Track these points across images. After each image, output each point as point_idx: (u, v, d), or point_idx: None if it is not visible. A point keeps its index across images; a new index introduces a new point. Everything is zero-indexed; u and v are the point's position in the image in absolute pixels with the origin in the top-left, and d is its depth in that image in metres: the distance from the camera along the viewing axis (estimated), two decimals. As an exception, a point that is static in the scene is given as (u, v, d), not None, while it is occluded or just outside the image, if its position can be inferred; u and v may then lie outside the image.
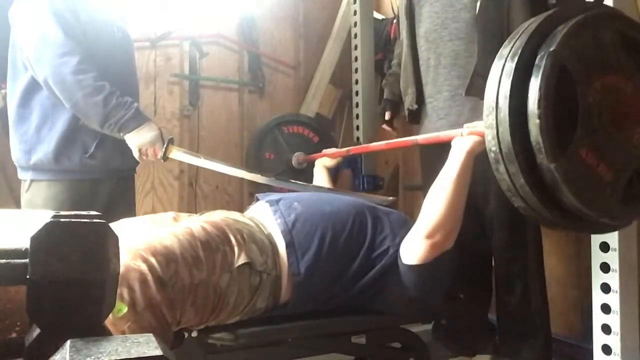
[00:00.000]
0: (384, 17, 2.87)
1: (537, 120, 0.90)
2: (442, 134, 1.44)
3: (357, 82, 2.59)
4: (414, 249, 1.29)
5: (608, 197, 0.96)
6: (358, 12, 2.60)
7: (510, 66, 0.95)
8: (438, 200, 1.27)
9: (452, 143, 1.33)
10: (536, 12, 1.53)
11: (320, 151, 2.09)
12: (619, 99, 0.97)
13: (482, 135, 1.23)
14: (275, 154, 2.43)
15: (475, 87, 1.56)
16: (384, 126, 2.13)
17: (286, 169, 2.41)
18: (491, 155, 0.98)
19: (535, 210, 0.99)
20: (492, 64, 1.53)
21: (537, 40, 0.96)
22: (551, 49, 0.92)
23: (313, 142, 2.52)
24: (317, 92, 2.87)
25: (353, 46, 2.63)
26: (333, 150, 2.05)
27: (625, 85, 0.99)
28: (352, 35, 2.65)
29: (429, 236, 1.27)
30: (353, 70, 2.63)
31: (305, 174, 2.37)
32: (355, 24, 2.62)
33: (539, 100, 0.90)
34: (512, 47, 0.98)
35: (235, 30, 2.75)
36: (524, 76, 0.93)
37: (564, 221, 1.00)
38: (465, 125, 1.33)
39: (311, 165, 2.18)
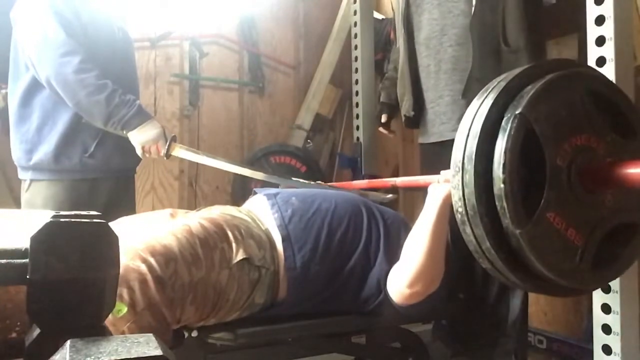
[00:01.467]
0: (384, 17, 2.87)
1: (502, 185, 0.87)
2: (420, 179, 1.43)
3: (357, 82, 2.59)
4: (396, 293, 1.29)
5: (577, 262, 0.93)
6: (358, 12, 2.60)
7: (477, 127, 0.92)
8: (416, 250, 1.26)
9: (429, 190, 1.31)
10: (530, 17, 1.54)
11: (308, 180, 2.08)
12: (590, 160, 0.94)
13: None
14: (262, 184, 2.43)
15: (472, 90, 1.57)
16: (381, 129, 2.14)
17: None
18: (457, 216, 0.96)
19: (501, 273, 0.97)
20: (488, 67, 1.55)
21: (504, 99, 0.93)
22: (517, 112, 0.89)
23: (300, 172, 2.51)
24: (317, 92, 2.87)
25: (353, 46, 2.63)
26: (319, 183, 2.03)
27: (598, 145, 0.96)
28: (352, 35, 2.65)
29: (410, 286, 1.26)
30: (353, 70, 2.63)
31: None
32: (355, 24, 2.62)
33: (504, 165, 0.87)
34: (480, 106, 0.95)
35: (235, 30, 2.76)
36: (490, 137, 0.91)
37: (531, 285, 0.98)
38: (442, 172, 1.31)
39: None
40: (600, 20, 1.38)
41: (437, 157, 1.74)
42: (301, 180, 1.84)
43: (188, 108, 2.61)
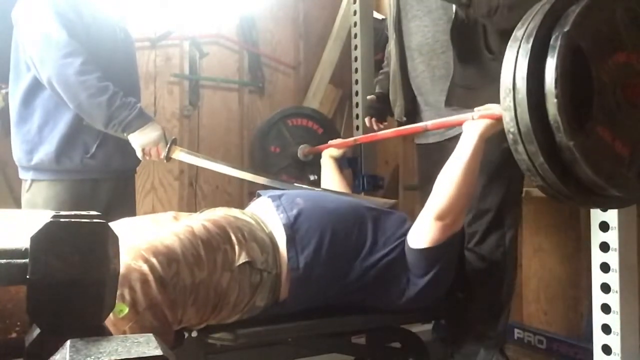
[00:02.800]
0: (384, 17, 2.87)
1: (555, 100, 0.92)
2: (453, 118, 1.45)
3: (357, 82, 2.59)
4: (424, 231, 1.31)
5: (625, 172, 0.99)
6: (358, 12, 2.60)
7: (526, 47, 0.97)
8: (449, 182, 1.29)
9: (464, 127, 1.35)
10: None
11: (325, 142, 2.09)
12: (632, 76, 0.99)
13: (494, 118, 1.27)
14: (280, 147, 2.43)
15: (455, 97, 1.57)
16: (369, 123, 2.09)
17: (292, 162, 2.41)
18: (509, 137, 1.00)
19: (553, 187, 1.01)
20: (470, 74, 1.55)
21: (550, 20, 0.98)
22: (565, 30, 0.94)
23: (317, 134, 2.50)
24: (317, 92, 2.87)
25: (353, 46, 2.63)
26: (339, 140, 2.05)
27: (638, 62, 1.01)
28: (352, 35, 2.65)
29: (440, 218, 1.29)
30: (353, 70, 2.63)
31: (311, 166, 2.37)
32: (355, 24, 2.62)
33: (556, 81, 0.92)
34: (526, 29, 0.99)
35: (235, 30, 2.76)
36: (540, 57, 0.95)
37: (581, 197, 1.03)
38: (476, 109, 1.34)
39: (317, 157, 2.18)
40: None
41: (438, 156, 1.74)
42: (304, 185, 1.85)
43: (188, 108, 2.61)
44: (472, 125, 1.32)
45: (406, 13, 1.74)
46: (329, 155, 2.00)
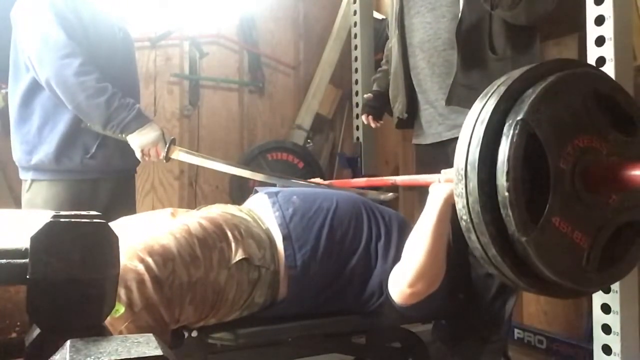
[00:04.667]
0: (384, 17, 2.87)
1: (506, 194, 0.86)
2: (420, 178, 1.43)
3: (357, 82, 2.59)
4: (397, 293, 1.28)
5: (584, 265, 0.93)
6: (358, 12, 2.60)
7: (479, 133, 0.92)
8: (417, 249, 1.25)
9: (430, 189, 1.31)
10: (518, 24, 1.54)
11: (305, 177, 2.06)
12: (593, 161, 0.94)
13: None
14: (259, 182, 2.42)
15: (456, 96, 1.57)
16: (366, 121, 2.08)
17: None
18: (462, 224, 0.95)
19: (508, 278, 0.97)
20: (473, 73, 1.55)
21: (505, 104, 0.93)
22: (519, 117, 0.88)
23: (298, 169, 2.49)
24: (317, 92, 2.87)
25: (353, 46, 2.64)
26: (317, 180, 1.99)
27: (600, 145, 0.95)
28: (352, 35, 2.65)
29: (411, 285, 1.25)
30: (353, 70, 2.63)
31: None
32: (355, 24, 2.62)
33: (507, 173, 0.86)
34: (480, 111, 0.95)
35: (235, 30, 2.76)
36: (493, 143, 0.90)
37: (537, 289, 0.98)
38: (442, 171, 1.31)
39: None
40: (600, 20, 1.38)
41: (435, 157, 1.74)
42: (301, 181, 1.84)
43: (188, 108, 2.61)
44: (438, 189, 1.28)
45: (409, 9, 1.75)
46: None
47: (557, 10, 1.53)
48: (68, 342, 0.42)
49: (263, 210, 1.38)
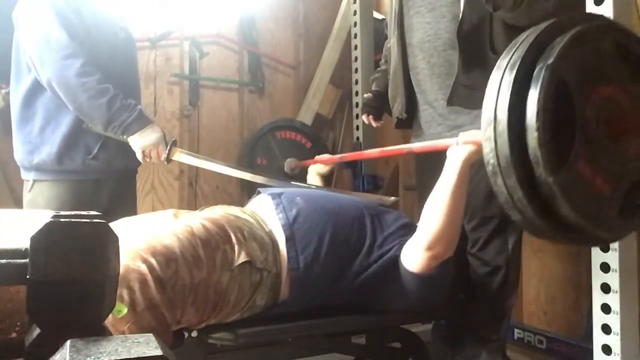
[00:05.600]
0: (384, 17, 2.87)
1: (536, 134, 0.89)
2: (438, 143, 1.43)
3: (357, 82, 2.59)
4: (414, 259, 1.29)
5: (605, 210, 0.96)
6: (358, 12, 2.60)
7: (509, 77, 0.95)
8: (436, 211, 1.27)
9: (448, 152, 1.32)
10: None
11: (312, 157, 2.06)
12: (616, 111, 0.97)
13: (478, 145, 1.23)
14: (267, 159, 2.42)
15: (457, 96, 1.57)
16: (367, 120, 2.07)
17: (278, 175, 2.40)
18: (489, 168, 0.98)
19: (531, 223, 0.98)
20: (474, 74, 1.54)
21: (535, 51, 0.96)
22: (549, 62, 0.91)
23: (305, 148, 2.51)
24: (317, 92, 2.87)
25: (353, 46, 2.63)
26: (326, 156, 2.01)
27: (623, 96, 0.99)
28: (352, 35, 2.65)
29: (429, 248, 1.26)
30: (353, 70, 2.63)
31: (297, 180, 2.36)
32: (355, 24, 2.62)
33: (538, 113, 0.89)
34: (510, 58, 0.97)
35: (235, 30, 2.76)
36: (523, 88, 0.93)
37: (560, 234, 0.99)
38: (460, 134, 1.33)
39: (303, 171, 2.16)
40: (600, 20, 1.38)
41: (434, 157, 1.73)
42: (303, 184, 1.84)
43: (188, 108, 2.61)
44: (456, 152, 1.30)
45: (408, 9, 1.74)
46: (315, 172, 1.98)
47: (558, 10, 1.53)
48: (68, 342, 0.42)
49: (266, 212, 1.38)
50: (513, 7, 1.40)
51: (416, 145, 1.55)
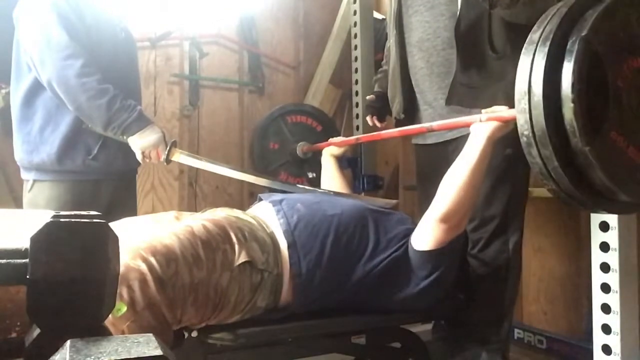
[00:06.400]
0: (384, 17, 2.87)
1: (572, 105, 0.91)
2: (460, 120, 1.43)
3: (357, 82, 2.59)
4: (429, 233, 1.31)
5: (638, 178, 0.99)
6: (358, 12, 2.60)
7: (543, 50, 0.97)
8: (455, 184, 1.29)
9: (471, 128, 1.34)
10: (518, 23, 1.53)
11: (324, 141, 2.07)
12: None
13: (502, 120, 1.26)
14: (279, 143, 2.43)
15: (456, 95, 1.56)
16: (371, 122, 2.07)
17: (290, 159, 2.41)
18: (523, 139, 1.00)
19: (566, 192, 1.01)
20: (473, 72, 1.54)
21: (567, 24, 0.98)
22: (583, 34, 0.93)
23: (316, 132, 2.51)
24: (317, 92, 2.87)
25: (353, 46, 2.63)
26: (340, 138, 2.03)
27: None
28: (352, 35, 2.65)
29: (445, 220, 1.28)
30: (353, 70, 2.63)
31: (310, 164, 2.37)
32: (355, 24, 2.62)
33: (573, 85, 0.92)
34: (542, 32, 0.99)
35: (235, 30, 2.76)
36: (556, 60, 0.95)
37: (593, 201, 1.02)
38: (483, 111, 1.34)
39: (315, 154, 2.17)
40: (600, 20, 1.38)
41: (435, 157, 1.73)
42: (306, 187, 1.84)
43: (188, 108, 2.61)
44: (481, 128, 1.31)
45: (407, 8, 1.73)
46: (329, 154, 1.98)
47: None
48: (68, 342, 0.41)
49: (268, 218, 1.38)
50: (510, 5, 1.40)
51: (437, 123, 1.54)
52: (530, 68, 0.98)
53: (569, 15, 0.98)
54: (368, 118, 2.08)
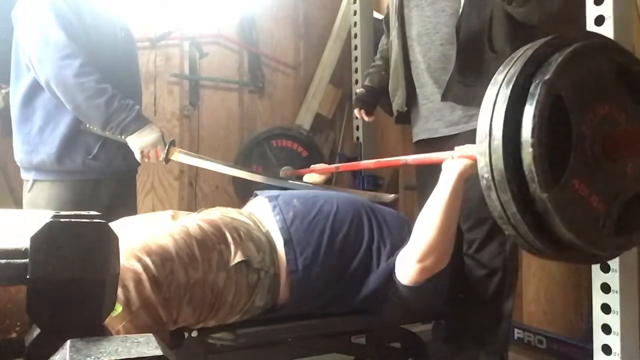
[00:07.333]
0: (384, 16, 2.87)
1: (531, 149, 0.89)
2: (433, 156, 1.42)
3: (357, 82, 2.59)
4: (406, 271, 1.29)
5: (600, 228, 0.96)
6: (358, 12, 2.60)
7: (505, 93, 0.94)
8: (429, 224, 1.26)
9: (443, 166, 1.32)
10: (517, 21, 1.53)
11: (309, 166, 2.06)
12: (613, 130, 0.97)
13: (473, 159, 1.22)
14: (262, 167, 2.41)
15: (451, 92, 1.56)
16: (359, 115, 2.07)
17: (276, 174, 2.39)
18: (483, 182, 0.97)
19: (525, 239, 0.98)
20: (470, 71, 1.54)
21: (532, 67, 0.95)
22: (546, 77, 0.91)
23: (302, 157, 2.49)
24: (317, 92, 2.87)
25: (353, 46, 2.63)
26: (322, 166, 2.00)
27: (620, 115, 0.98)
28: (352, 35, 2.65)
29: (421, 260, 1.26)
30: (353, 70, 2.63)
31: None
32: (355, 24, 2.62)
33: (533, 130, 0.89)
34: (506, 73, 0.96)
35: (235, 30, 2.76)
36: (518, 103, 0.92)
37: (554, 251, 0.99)
38: (456, 148, 1.32)
39: (299, 180, 2.16)
40: (600, 21, 1.38)
41: (434, 151, 1.73)
42: (302, 182, 1.84)
43: (188, 108, 2.61)
44: (452, 165, 1.29)
45: (409, 2, 1.74)
46: (310, 181, 1.96)
47: (557, 10, 1.53)
48: (68, 342, 0.42)
49: (264, 214, 1.38)
50: (524, 2, 1.40)
51: (411, 158, 1.55)
52: (492, 110, 0.95)
53: (533, 58, 0.96)
54: (356, 111, 2.08)
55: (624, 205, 0.98)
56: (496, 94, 0.95)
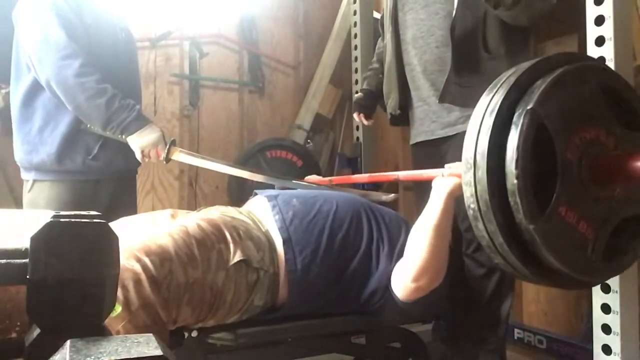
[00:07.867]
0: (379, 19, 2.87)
1: (515, 181, 0.87)
2: (424, 173, 1.42)
3: (357, 82, 2.59)
4: (401, 288, 1.28)
5: (589, 255, 0.94)
6: (358, 12, 2.60)
7: (488, 123, 0.92)
8: (421, 244, 1.25)
9: (433, 184, 1.31)
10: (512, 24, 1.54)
11: (304, 176, 2.06)
12: (599, 154, 0.95)
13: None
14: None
15: (449, 94, 1.57)
16: (358, 119, 2.08)
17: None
18: (470, 212, 0.96)
19: (514, 267, 0.97)
20: (466, 72, 1.54)
21: (516, 93, 0.94)
22: (529, 107, 0.89)
23: (297, 167, 2.49)
24: (317, 92, 2.87)
25: (353, 46, 2.64)
26: (315, 177, 1.99)
27: (606, 138, 0.97)
28: (352, 35, 2.65)
29: (415, 280, 1.25)
30: (353, 70, 2.63)
31: None
32: (355, 24, 2.62)
33: (517, 160, 0.87)
34: (490, 101, 0.95)
35: (235, 30, 2.76)
36: (502, 132, 0.91)
37: (543, 279, 0.98)
38: (446, 166, 1.32)
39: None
40: (599, 21, 1.38)
41: (428, 156, 1.73)
42: (302, 182, 1.84)
43: (188, 108, 2.61)
44: (441, 184, 1.28)
45: (403, 5, 1.74)
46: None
47: (557, 10, 1.53)
48: (68, 342, 0.42)
49: (263, 213, 1.38)
50: (512, 5, 1.40)
51: (402, 174, 1.55)
52: (476, 139, 0.94)
53: (517, 85, 0.94)
54: (355, 115, 2.09)
55: (613, 229, 0.97)
56: (480, 123, 0.94)
